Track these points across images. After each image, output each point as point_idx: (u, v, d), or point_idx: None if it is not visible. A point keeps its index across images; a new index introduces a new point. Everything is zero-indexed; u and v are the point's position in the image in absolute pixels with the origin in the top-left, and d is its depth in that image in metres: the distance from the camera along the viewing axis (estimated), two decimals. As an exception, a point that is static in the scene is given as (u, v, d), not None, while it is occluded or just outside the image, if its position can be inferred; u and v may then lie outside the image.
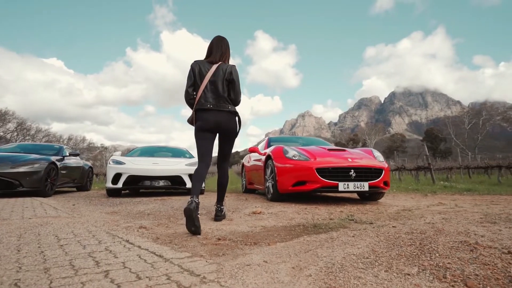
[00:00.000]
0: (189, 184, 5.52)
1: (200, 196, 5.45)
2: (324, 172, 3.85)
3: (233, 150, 3.08)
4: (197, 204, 2.28)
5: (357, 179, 3.87)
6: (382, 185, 4.04)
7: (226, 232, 2.30)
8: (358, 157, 4.18)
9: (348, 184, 3.79)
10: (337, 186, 3.79)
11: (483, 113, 52.01)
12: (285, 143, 5.52)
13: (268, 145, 5.74)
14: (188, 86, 2.70)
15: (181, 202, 4.41)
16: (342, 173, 3.86)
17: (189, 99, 2.74)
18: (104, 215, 3.13)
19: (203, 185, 5.87)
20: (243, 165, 6.88)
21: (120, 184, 5.26)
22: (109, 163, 5.54)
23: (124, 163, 5.45)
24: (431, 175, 8.89)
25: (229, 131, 2.75)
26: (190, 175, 5.58)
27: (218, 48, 2.78)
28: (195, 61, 2.75)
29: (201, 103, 2.65)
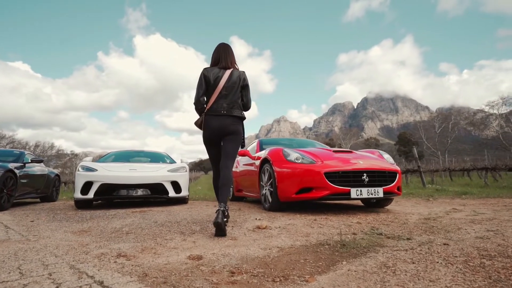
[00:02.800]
0: (171, 193, 4.85)
1: (186, 207, 4.80)
2: (334, 176, 3.36)
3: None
4: (224, 212, 2.38)
5: (370, 184, 3.41)
6: (396, 190, 3.61)
7: (236, 259, 1.72)
8: (369, 159, 3.73)
9: (361, 190, 3.32)
10: (349, 193, 3.31)
11: (452, 117, 54.51)
12: (279, 146, 5.00)
13: (260, 147, 5.20)
14: (200, 95, 2.68)
15: (165, 214, 3.76)
16: (353, 178, 3.39)
17: (201, 108, 2.72)
18: (69, 236, 2.44)
19: (187, 193, 5.21)
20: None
21: (91, 194, 4.49)
22: (78, 170, 4.76)
23: (96, 170, 4.70)
24: (421, 178, 8.72)
25: (233, 132, 2.71)
26: (172, 183, 4.91)
27: (226, 54, 2.78)
28: (205, 68, 2.74)
29: (214, 109, 2.65)
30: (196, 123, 2.82)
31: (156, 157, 6.34)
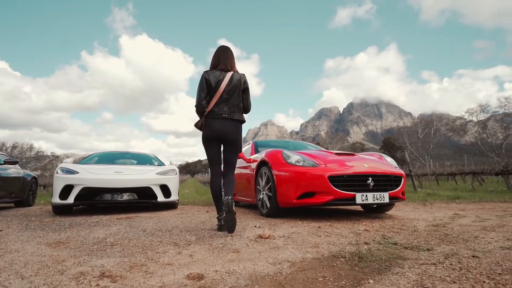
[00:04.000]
0: (160, 197, 4.52)
1: (176, 212, 4.48)
2: (338, 180, 3.14)
3: (195, 159, 3.21)
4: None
5: (375, 188, 3.21)
6: (401, 195, 3.43)
7: (244, 278, 1.46)
8: (373, 162, 3.54)
9: (366, 195, 3.12)
10: (354, 198, 3.10)
11: (434, 123, 55.97)
12: (274, 148, 4.77)
13: (255, 150, 4.95)
14: (202, 98, 2.66)
15: (154, 221, 3.44)
16: (358, 182, 3.18)
17: (202, 111, 2.70)
18: (43, 249, 2.11)
19: (177, 197, 4.88)
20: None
21: (71, 199, 4.11)
22: (57, 172, 4.36)
23: (77, 172, 4.31)
24: (412, 182, 8.67)
25: (234, 141, 2.76)
26: (161, 186, 4.58)
27: (226, 57, 2.78)
28: (206, 72, 2.72)
29: (215, 112, 2.66)
30: (196, 125, 2.81)
31: (143, 159, 5.97)
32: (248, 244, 2.21)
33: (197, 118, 2.81)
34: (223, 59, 2.77)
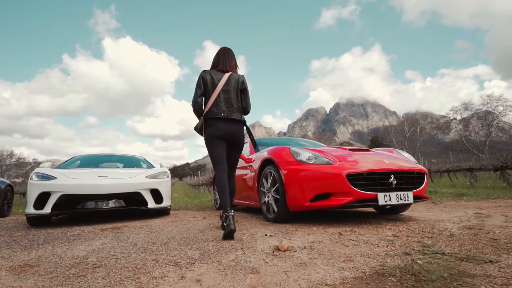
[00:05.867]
0: (151, 203, 4.03)
1: (169, 220, 4.01)
2: (357, 179, 2.76)
3: (183, 162, 3.13)
4: (233, 216, 2.40)
5: (397, 187, 2.85)
6: (424, 194, 3.08)
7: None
8: (394, 158, 3.18)
9: (389, 195, 2.75)
10: (375, 199, 2.72)
11: (420, 122, 57.00)
12: (277, 145, 4.36)
13: (255, 149, 4.52)
14: (197, 96, 2.67)
15: (145, 232, 2.98)
16: (379, 181, 2.81)
17: (198, 109, 2.70)
18: (2, 277, 1.63)
19: (169, 202, 4.41)
20: (214, 176, 5.54)
21: (47, 209, 3.58)
22: (31, 179, 3.82)
23: (55, 178, 3.78)
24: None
25: (239, 141, 2.78)
26: (152, 191, 4.09)
27: (227, 58, 2.79)
28: (204, 71, 2.74)
29: (214, 112, 2.64)
30: (196, 128, 2.77)
31: (130, 162, 5.44)
32: (266, 260, 1.79)
33: (196, 120, 2.77)
34: (223, 60, 2.78)
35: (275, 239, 2.33)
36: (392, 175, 2.83)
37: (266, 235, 2.52)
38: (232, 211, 2.42)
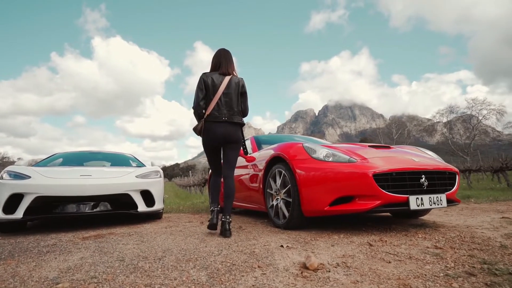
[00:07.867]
0: (141, 207, 3.56)
1: (162, 225, 3.54)
2: (385, 180, 2.38)
3: (172, 162, 2.90)
4: (218, 212, 2.70)
5: (429, 189, 2.49)
6: (455, 197, 2.73)
7: None
8: (421, 157, 2.82)
9: (422, 199, 2.38)
10: (407, 203, 2.35)
11: (407, 124, 57.86)
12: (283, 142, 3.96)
13: (258, 146, 4.12)
14: (200, 99, 2.65)
15: (135, 241, 2.52)
16: (410, 182, 2.44)
17: (200, 112, 2.67)
18: None
19: (162, 205, 3.94)
20: (210, 176, 5.08)
21: (19, 213, 3.06)
22: (2, 178, 3.29)
23: (29, 177, 3.26)
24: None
25: (236, 141, 2.72)
26: (143, 192, 3.62)
27: (227, 60, 2.76)
28: (204, 73, 2.72)
29: (215, 116, 2.62)
30: (195, 129, 2.74)
31: (119, 160, 4.93)
32: (296, 284, 1.38)
33: (195, 122, 2.73)
34: (224, 62, 2.74)
35: (296, 252, 1.92)
36: (423, 175, 2.46)
37: (282, 246, 2.11)
38: (219, 206, 2.73)
